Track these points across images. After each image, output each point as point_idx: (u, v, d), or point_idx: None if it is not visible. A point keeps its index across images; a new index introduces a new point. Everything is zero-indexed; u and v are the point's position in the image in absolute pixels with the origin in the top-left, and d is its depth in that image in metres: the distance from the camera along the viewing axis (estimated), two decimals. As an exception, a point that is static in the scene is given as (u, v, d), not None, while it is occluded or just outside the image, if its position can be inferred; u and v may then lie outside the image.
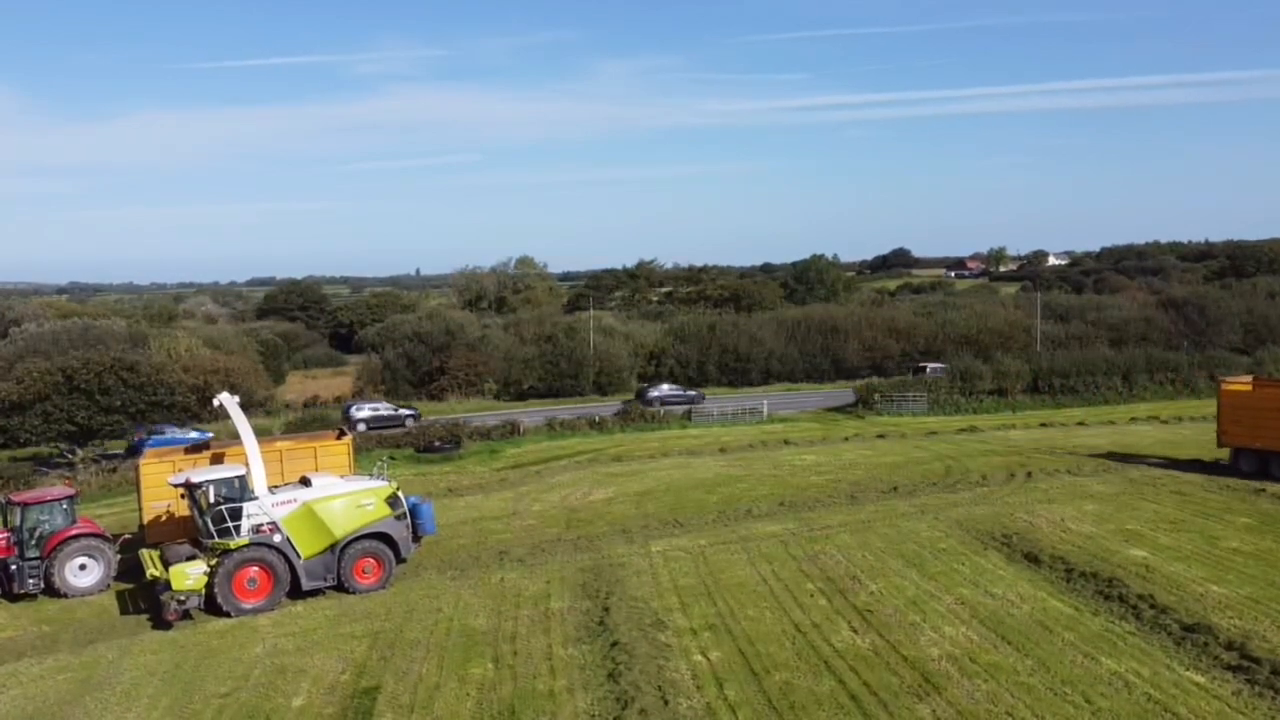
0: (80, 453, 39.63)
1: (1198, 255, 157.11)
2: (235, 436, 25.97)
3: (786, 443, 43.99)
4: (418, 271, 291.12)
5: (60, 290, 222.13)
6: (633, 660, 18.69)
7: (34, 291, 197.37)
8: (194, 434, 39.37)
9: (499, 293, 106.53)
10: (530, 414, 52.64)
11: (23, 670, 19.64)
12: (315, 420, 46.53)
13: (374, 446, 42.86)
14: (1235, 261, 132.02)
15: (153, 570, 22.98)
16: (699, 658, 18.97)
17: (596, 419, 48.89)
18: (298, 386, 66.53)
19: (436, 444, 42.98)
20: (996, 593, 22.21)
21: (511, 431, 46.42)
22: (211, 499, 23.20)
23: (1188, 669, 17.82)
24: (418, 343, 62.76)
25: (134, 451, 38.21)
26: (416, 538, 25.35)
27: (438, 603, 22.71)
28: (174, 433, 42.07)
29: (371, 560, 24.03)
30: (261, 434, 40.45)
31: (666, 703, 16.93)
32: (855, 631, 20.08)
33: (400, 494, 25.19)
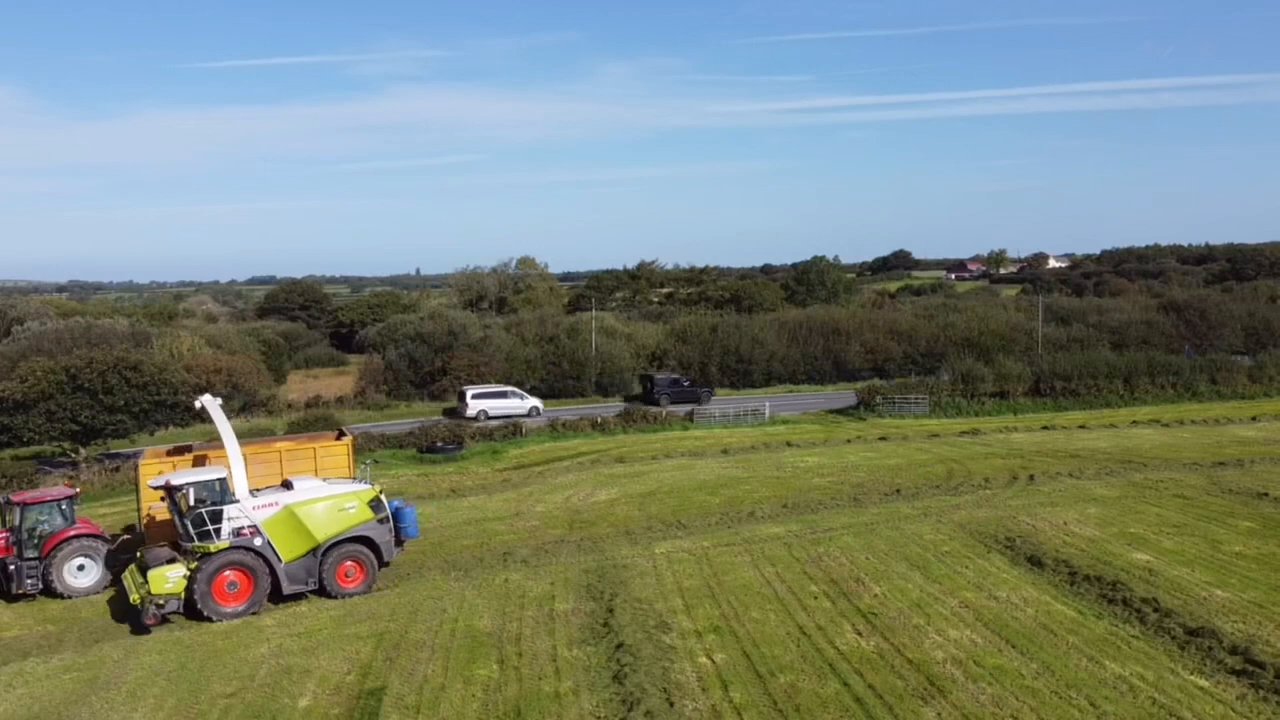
0: (84, 451, 39.63)
1: (1198, 258, 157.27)
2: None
3: (789, 444, 44.01)
4: (418, 271, 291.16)
5: (60, 288, 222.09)
6: (638, 662, 18.74)
7: (33, 289, 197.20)
8: None
9: (500, 293, 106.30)
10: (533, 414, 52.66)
11: (28, 669, 19.67)
12: (318, 420, 46.49)
13: (376, 446, 42.89)
14: (1235, 265, 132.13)
15: (135, 596, 22.27)
16: (704, 660, 19.01)
17: (599, 420, 48.88)
18: (299, 386, 66.37)
19: (439, 444, 42.95)
20: (1000, 596, 22.26)
21: (514, 432, 46.44)
22: (191, 501, 22.76)
23: (1192, 673, 17.89)
24: (420, 343, 62.68)
25: None
26: (399, 541, 25.10)
27: (442, 604, 22.73)
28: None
29: (354, 564, 23.83)
30: (265, 434, 40.58)
31: (672, 705, 16.99)
32: (859, 634, 20.13)
33: (383, 497, 24.94)
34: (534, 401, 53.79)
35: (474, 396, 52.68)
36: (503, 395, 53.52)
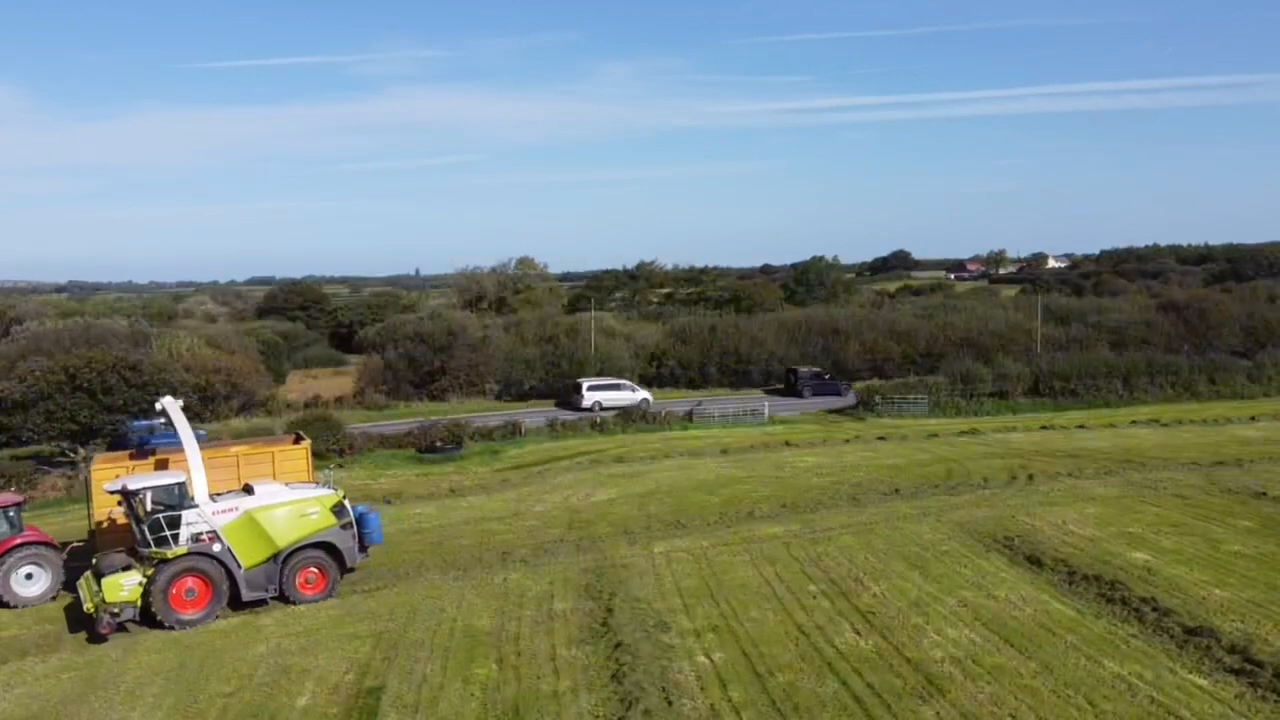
0: (82, 451, 39.64)
1: (1197, 258, 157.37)
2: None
3: (788, 444, 44.01)
4: (418, 271, 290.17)
5: (59, 289, 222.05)
6: (636, 661, 18.75)
7: (32, 290, 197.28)
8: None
9: (499, 293, 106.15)
10: (531, 415, 52.61)
11: (27, 669, 19.67)
12: (316, 420, 46.42)
13: (375, 446, 42.89)
14: (1234, 265, 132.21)
15: (89, 604, 21.78)
16: (703, 659, 19.02)
17: (598, 420, 48.92)
18: (298, 386, 66.36)
19: (438, 444, 42.95)
20: (999, 595, 22.27)
21: (513, 432, 46.43)
22: (149, 506, 22.24)
23: (1190, 672, 17.91)
24: (419, 343, 62.64)
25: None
26: (363, 547, 24.62)
27: (441, 603, 22.73)
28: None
29: (315, 570, 23.38)
30: (264, 433, 40.55)
31: (670, 704, 16.99)
32: (858, 633, 20.14)
33: (346, 503, 24.52)
34: (644, 394, 55.93)
35: (589, 389, 54.76)
36: (616, 387, 55.62)
